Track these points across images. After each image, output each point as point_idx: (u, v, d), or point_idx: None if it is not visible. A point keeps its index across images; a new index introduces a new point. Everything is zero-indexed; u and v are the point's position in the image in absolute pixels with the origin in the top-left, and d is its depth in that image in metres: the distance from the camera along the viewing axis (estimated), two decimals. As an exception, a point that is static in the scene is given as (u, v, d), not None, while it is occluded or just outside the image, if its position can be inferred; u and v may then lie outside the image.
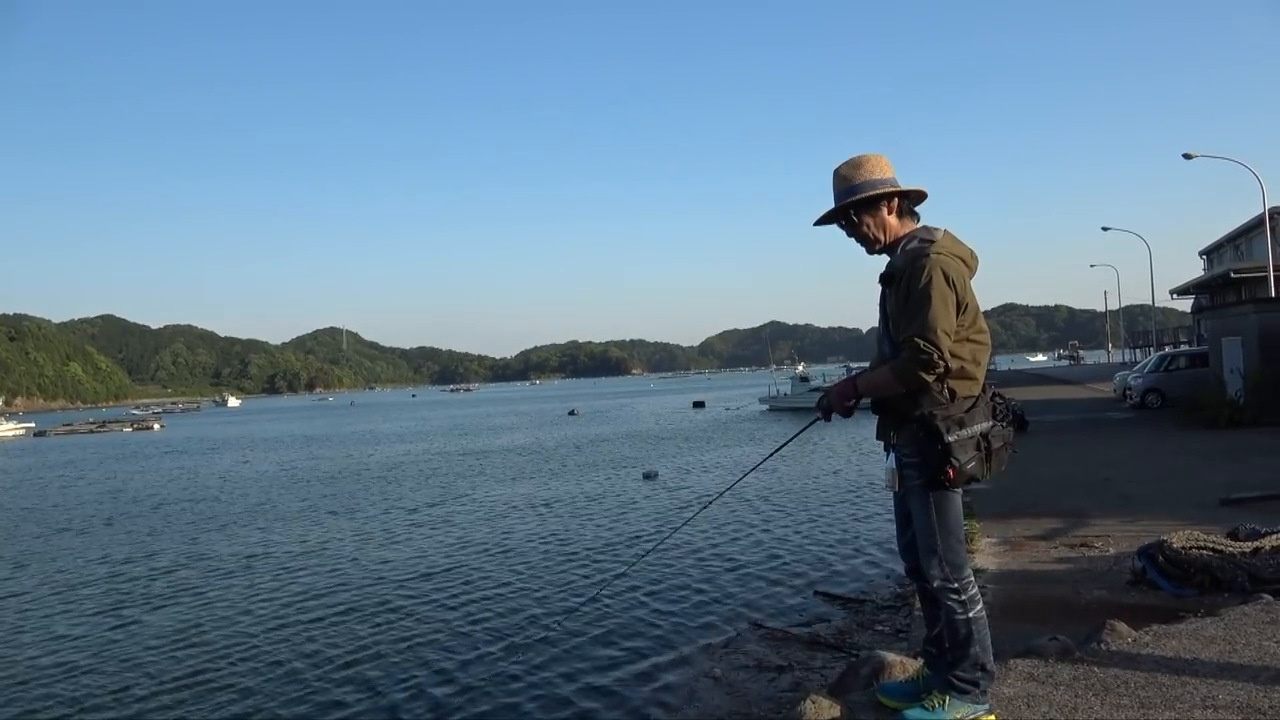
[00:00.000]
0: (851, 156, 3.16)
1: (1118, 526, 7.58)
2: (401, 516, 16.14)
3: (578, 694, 6.55)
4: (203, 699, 6.94)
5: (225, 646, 8.33)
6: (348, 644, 8.19)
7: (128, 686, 7.36)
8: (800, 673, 6.12)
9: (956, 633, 3.00)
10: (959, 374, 2.94)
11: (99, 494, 23.35)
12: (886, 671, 3.69)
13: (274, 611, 9.55)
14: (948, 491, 2.98)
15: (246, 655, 8.03)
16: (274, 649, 8.15)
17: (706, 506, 7.41)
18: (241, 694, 7.02)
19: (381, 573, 11.24)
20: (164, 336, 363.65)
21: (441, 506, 17.13)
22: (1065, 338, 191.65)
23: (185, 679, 7.43)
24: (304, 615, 9.28)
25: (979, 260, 3.12)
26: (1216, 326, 20.43)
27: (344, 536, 14.26)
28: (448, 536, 13.70)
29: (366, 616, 9.08)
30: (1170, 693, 3.23)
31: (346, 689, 6.99)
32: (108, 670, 7.83)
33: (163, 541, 14.81)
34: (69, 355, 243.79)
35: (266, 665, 7.69)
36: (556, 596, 9.47)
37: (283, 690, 7.03)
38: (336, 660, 7.71)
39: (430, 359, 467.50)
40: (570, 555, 11.64)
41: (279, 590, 10.53)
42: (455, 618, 8.87)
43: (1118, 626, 3.99)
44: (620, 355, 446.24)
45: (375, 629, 8.64)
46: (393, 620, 8.93)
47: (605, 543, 12.44)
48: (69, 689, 7.41)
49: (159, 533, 15.83)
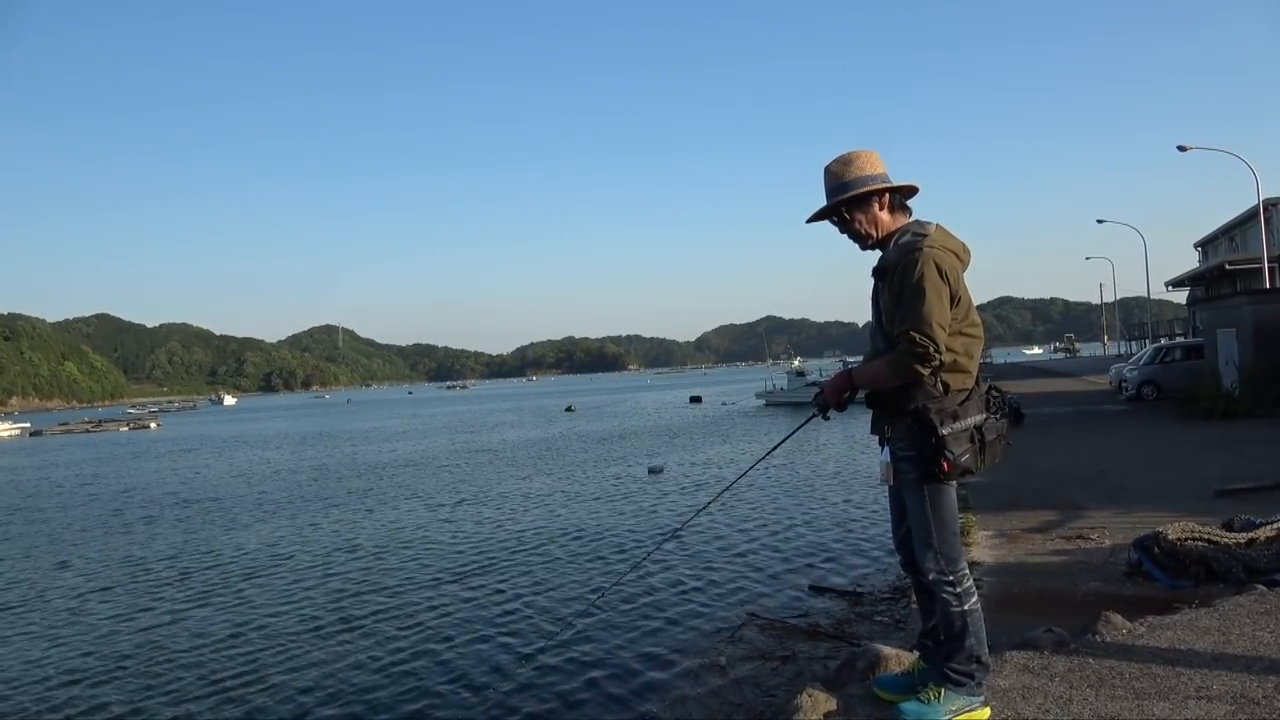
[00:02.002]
0: (842, 153, 3.16)
1: (1113, 518, 7.60)
2: (413, 513, 16.11)
3: (581, 685, 6.58)
4: (241, 699, 6.90)
5: (256, 643, 8.34)
6: (354, 640, 8.21)
7: (166, 686, 7.31)
8: (800, 664, 6.13)
9: (952, 625, 3.01)
10: (952, 367, 2.95)
11: (114, 492, 23.25)
12: (882, 664, 3.70)
13: (302, 609, 9.52)
14: (942, 485, 2.99)
15: (263, 651, 8.08)
16: (302, 646, 8.14)
17: (704, 509, 7.46)
18: (272, 690, 7.03)
19: (396, 569, 11.27)
20: (159, 335, 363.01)
21: (456, 504, 16.98)
22: (1061, 330, 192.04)
23: (225, 678, 7.37)
24: (335, 614, 9.20)
25: (971, 254, 3.13)
26: (1211, 318, 20.47)
27: (359, 535, 14.22)
28: (465, 531, 13.65)
29: (376, 615, 9.07)
30: (1165, 684, 3.24)
31: (350, 683, 7.02)
32: (155, 671, 7.71)
33: (188, 539, 14.74)
34: (64, 355, 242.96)
35: (304, 664, 7.67)
36: (570, 588, 9.56)
37: (334, 686, 7.02)
38: (354, 657, 7.74)
39: (426, 356, 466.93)
40: (581, 551, 11.68)
41: (309, 589, 10.43)
42: (476, 611, 8.93)
43: (1113, 618, 4.01)
44: (617, 351, 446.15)
45: (380, 625, 8.66)
46: (398, 616, 8.95)
47: (616, 535, 12.56)
48: (116, 691, 7.30)
49: (191, 530, 15.72)
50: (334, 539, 13.88)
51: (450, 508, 16.58)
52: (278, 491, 21.16)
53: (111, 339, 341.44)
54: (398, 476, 23.08)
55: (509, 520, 14.57)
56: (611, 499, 16.39)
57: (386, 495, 19.11)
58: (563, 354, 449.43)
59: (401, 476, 23.03)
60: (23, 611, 10.37)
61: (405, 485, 20.92)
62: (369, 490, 20.32)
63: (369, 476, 23.48)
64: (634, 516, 14.28)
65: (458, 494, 18.57)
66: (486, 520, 14.73)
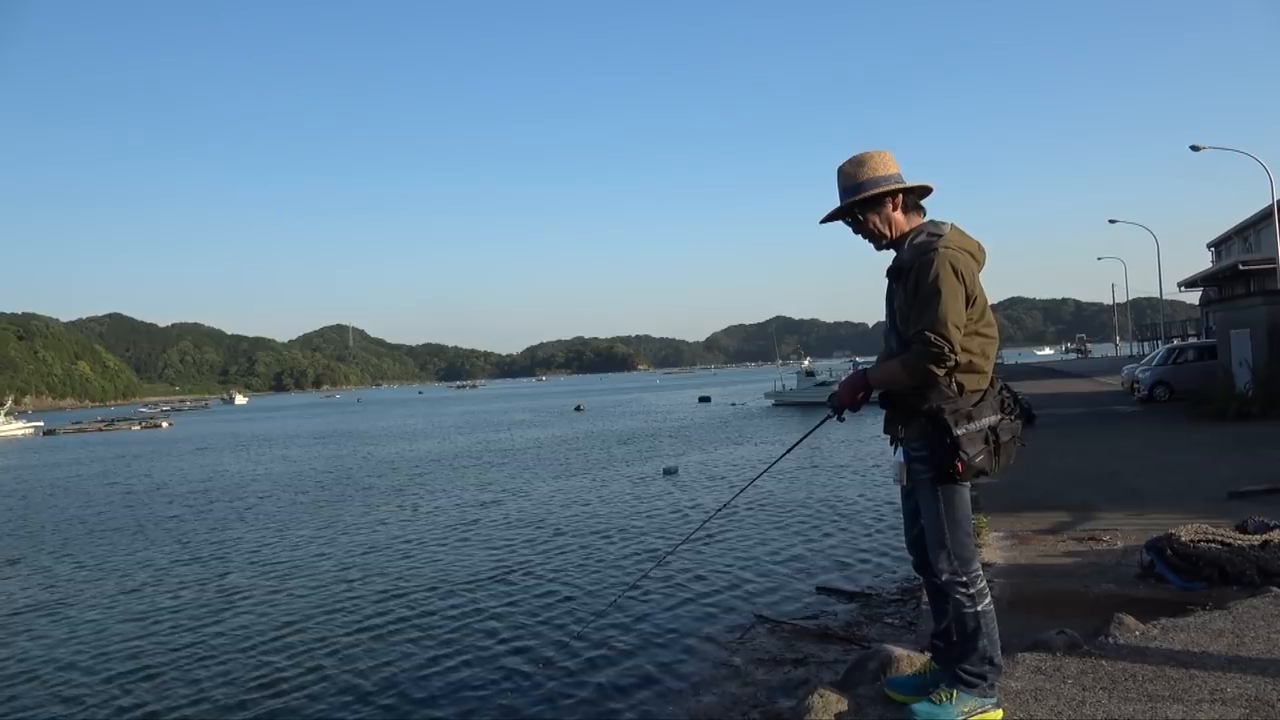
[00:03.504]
0: (855, 154, 3.15)
1: (1125, 520, 7.55)
2: (439, 514, 16.13)
3: (594, 687, 6.60)
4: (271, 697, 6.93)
5: (286, 642, 8.40)
6: (372, 640, 8.26)
7: (234, 681, 7.35)
8: (811, 666, 6.13)
9: (965, 626, 3.00)
10: (967, 368, 2.94)
11: (136, 491, 23.36)
12: (894, 665, 3.69)
13: (342, 608, 9.56)
14: (956, 485, 2.99)
15: (283, 646, 8.13)
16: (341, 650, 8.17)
17: (716, 513, 7.54)
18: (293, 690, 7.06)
19: (418, 570, 11.33)
20: (171, 335, 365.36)
21: (479, 505, 16.87)
22: (1072, 331, 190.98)
23: (280, 676, 7.40)
24: (380, 616, 9.15)
25: (986, 253, 3.12)
26: (1225, 319, 20.34)
27: (384, 534, 14.25)
28: (485, 535, 13.56)
29: (399, 618, 9.07)
30: (1178, 686, 3.23)
31: (355, 677, 7.05)
32: (194, 671, 7.72)
33: (218, 537, 14.79)
34: (77, 354, 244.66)
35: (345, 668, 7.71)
36: (587, 591, 9.59)
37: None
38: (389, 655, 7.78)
39: (436, 355, 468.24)
40: (602, 552, 11.71)
41: (342, 590, 10.42)
42: (491, 616, 8.93)
43: (1125, 620, 3.99)
44: (626, 351, 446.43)
45: (394, 622, 8.72)
46: (408, 614, 9.00)
47: (634, 538, 12.63)
48: (156, 691, 7.30)
49: (221, 528, 15.75)
50: (355, 539, 13.84)
51: (476, 508, 16.42)
52: (299, 490, 21.20)
53: (124, 338, 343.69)
54: (419, 475, 23.07)
55: (529, 523, 14.49)
56: (628, 500, 16.40)
57: (408, 495, 19.08)
58: (572, 354, 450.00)
59: (424, 475, 23.04)
60: (57, 610, 10.34)
61: (427, 485, 20.89)
62: (393, 489, 20.29)
63: (390, 476, 23.44)
64: (651, 518, 14.29)
65: (479, 494, 18.48)
66: (510, 522, 14.57)
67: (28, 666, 8.21)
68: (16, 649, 8.83)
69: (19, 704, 7.23)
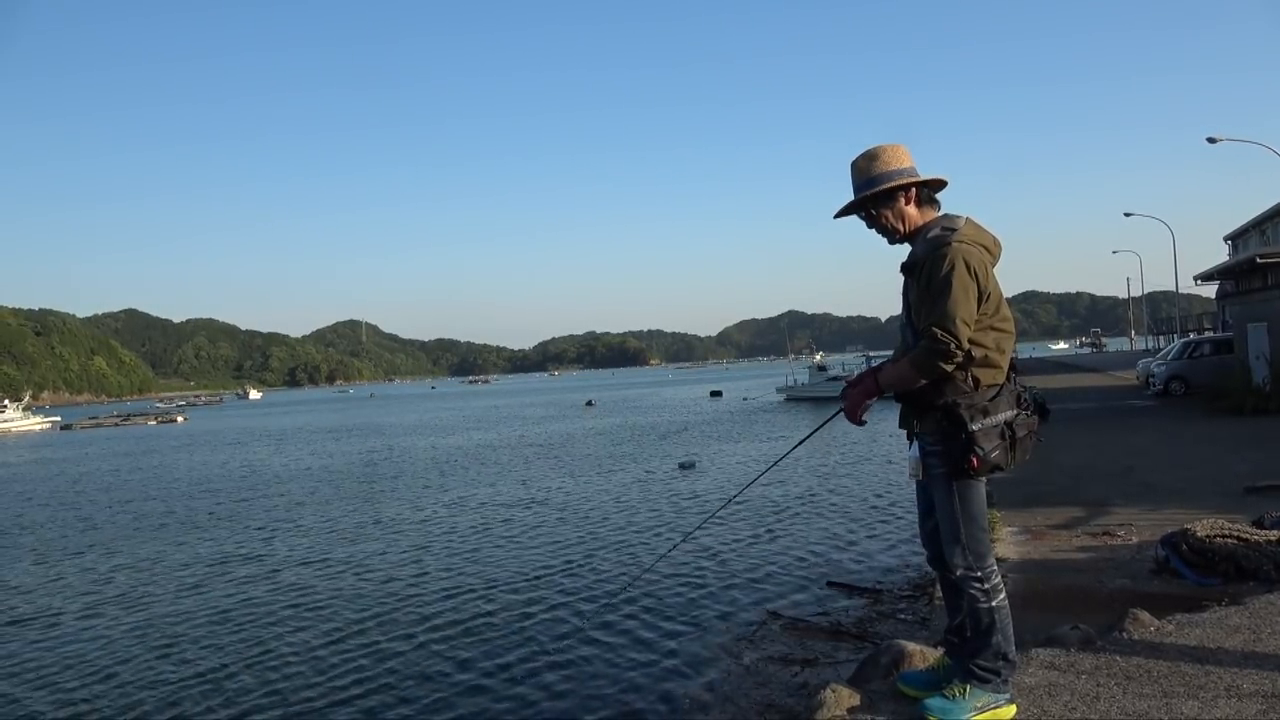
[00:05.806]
0: (869, 148, 3.13)
1: (1140, 515, 7.52)
2: (453, 507, 16.24)
3: (608, 683, 6.62)
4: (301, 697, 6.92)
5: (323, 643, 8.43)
6: (398, 638, 8.31)
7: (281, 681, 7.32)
8: (824, 662, 6.12)
9: (979, 622, 3.00)
10: (983, 362, 2.93)
11: (156, 486, 23.51)
12: (906, 660, 3.69)
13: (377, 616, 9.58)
14: (971, 480, 2.97)
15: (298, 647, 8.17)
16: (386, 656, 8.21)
17: (725, 505, 7.54)
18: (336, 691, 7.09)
19: (435, 565, 11.43)
20: (186, 330, 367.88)
21: (504, 504, 16.66)
22: (1087, 325, 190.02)
23: (335, 677, 7.33)
24: (417, 612, 9.13)
25: (1002, 247, 3.10)
26: (1241, 312, 20.17)
27: (421, 533, 14.30)
28: (511, 530, 13.55)
29: (427, 607, 9.18)
30: (1194, 682, 3.21)
31: (362, 669, 7.10)
32: (253, 671, 7.64)
33: (244, 535, 14.85)
34: (93, 349, 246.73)
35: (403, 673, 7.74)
36: (596, 586, 9.61)
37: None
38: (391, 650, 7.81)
39: (449, 351, 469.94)
40: (615, 545, 11.77)
41: (394, 590, 10.26)
42: (500, 605, 8.99)
43: (1140, 616, 3.98)
44: (638, 346, 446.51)
45: (417, 615, 8.78)
46: (413, 618, 9.05)
47: (649, 529, 12.71)
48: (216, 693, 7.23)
49: (243, 526, 15.76)
50: (400, 537, 13.75)
51: (501, 508, 16.14)
52: (316, 487, 21.25)
53: (139, 334, 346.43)
54: (446, 471, 23.11)
55: (548, 518, 14.48)
56: (645, 494, 16.46)
57: (432, 491, 19.09)
58: (584, 349, 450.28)
59: (449, 471, 23.07)
60: (87, 611, 10.24)
61: (448, 480, 20.89)
62: (425, 485, 20.24)
63: (422, 472, 23.38)
64: (667, 511, 14.34)
65: (502, 491, 18.38)
66: (546, 521, 14.30)
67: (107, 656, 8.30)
68: (99, 634, 9.03)
69: (90, 694, 7.28)
